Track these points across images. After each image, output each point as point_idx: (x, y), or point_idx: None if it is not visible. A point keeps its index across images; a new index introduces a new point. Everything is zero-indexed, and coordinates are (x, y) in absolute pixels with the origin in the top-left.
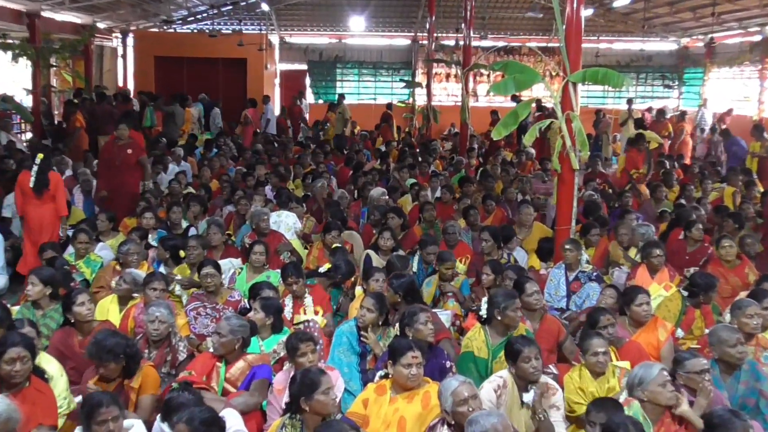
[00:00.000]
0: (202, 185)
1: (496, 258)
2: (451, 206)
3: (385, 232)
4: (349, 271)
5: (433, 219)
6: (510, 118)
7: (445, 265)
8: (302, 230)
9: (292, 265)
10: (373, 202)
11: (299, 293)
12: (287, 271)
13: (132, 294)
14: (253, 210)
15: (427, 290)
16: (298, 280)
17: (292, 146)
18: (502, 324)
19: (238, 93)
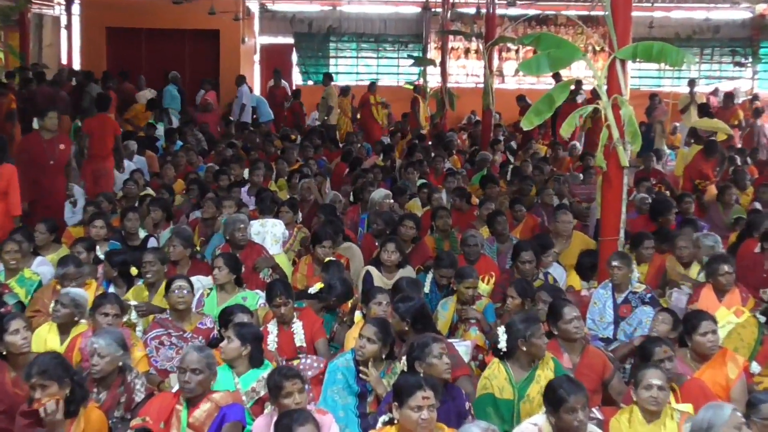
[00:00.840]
0: (164, 186)
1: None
2: (471, 212)
3: (389, 244)
4: (345, 291)
5: (447, 228)
6: (543, 103)
7: (464, 284)
8: (292, 242)
9: (281, 282)
10: (374, 206)
11: (287, 317)
12: (275, 290)
13: (75, 320)
14: (227, 217)
15: (443, 315)
16: (287, 302)
17: (273, 138)
18: (527, 355)
19: (209, 72)
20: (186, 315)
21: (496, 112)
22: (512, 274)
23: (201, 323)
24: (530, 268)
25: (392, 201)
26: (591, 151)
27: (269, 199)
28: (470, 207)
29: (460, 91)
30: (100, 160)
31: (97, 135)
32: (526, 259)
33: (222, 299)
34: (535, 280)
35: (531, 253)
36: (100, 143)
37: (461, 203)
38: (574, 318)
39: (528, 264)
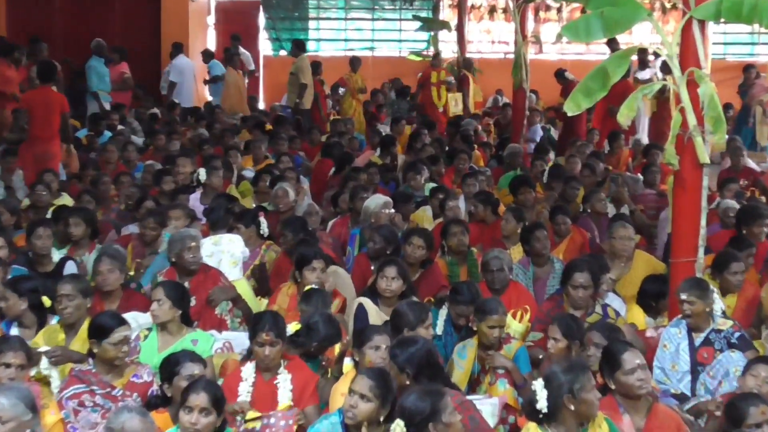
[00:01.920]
0: (87, 191)
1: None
2: (498, 225)
3: (389, 268)
4: (330, 333)
5: (463, 248)
6: (595, 79)
7: (487, 322)
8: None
9: (272, 314)
10: (369, 218)
11: (272, 363)
12: (262, 322)
13: None
14: (173, 232)
15: (460, 365)
16: (276, 341)
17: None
18: (574, 416)
19: (148, 40)
20: (115, 367)
21: (531, 91)
22: (555, 307)
23: (136, 376)
24: (585, 297)
25: (393, 211)
26: (658, 144)
27: (222, 207)
28: (497, 218)
29: (483, 63)
30: (43, 143)
31: (39, 112)
32: (580, 283)
33: (164, 343)
34: (590, 314)
35: (588, 275)
36: (44, 122)
37: (485, 213)
38: (637, 367)
39: (582, 290)
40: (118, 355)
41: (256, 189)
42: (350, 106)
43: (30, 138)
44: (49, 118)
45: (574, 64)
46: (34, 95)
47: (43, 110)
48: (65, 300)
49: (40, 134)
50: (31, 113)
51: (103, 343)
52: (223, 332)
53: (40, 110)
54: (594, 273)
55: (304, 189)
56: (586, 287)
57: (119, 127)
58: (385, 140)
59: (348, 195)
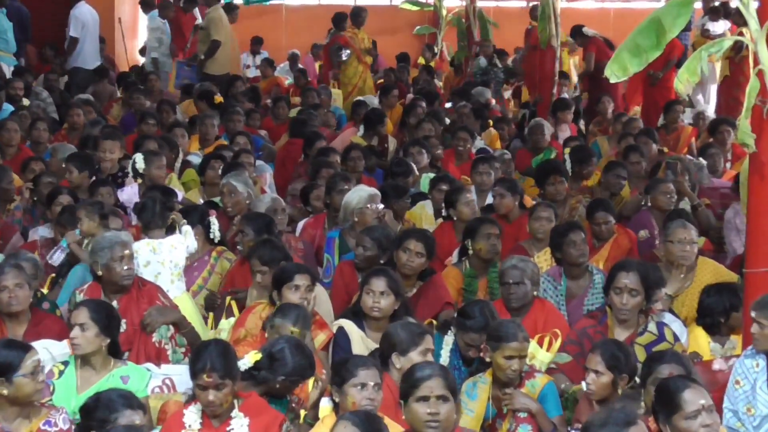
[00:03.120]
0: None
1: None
2: (521, 223)
3: (377, 280)
4: (299, 363)
5: (496, 253)
6: (645, 34)
7: (504, 352)
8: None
9: (216, 347)
10: (349, 216)
11: (219, 409)
12: (202, 360)
13: None
14: (96, 238)
15: (470, 406)
16: (222, 383)
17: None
18: None
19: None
20: (25, 410)
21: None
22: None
23: (48, 423)
24: (632, 306)
25: (382, 207)
26: (729, 118)
27: (161, 203)
28: (521, 214)
29: (499, 14)
30: None
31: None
32: (625, 285)
33: (85, 381)
34: (641, 334)
35: (636, 277)
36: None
37: (512, 207)
38: (701, 409)
39: (629, 296)
40: (37, 387)
41: (203, 179)
42: (355, 73)
43: None
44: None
45: (618, 14)
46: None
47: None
48: None
49: None
50: None
51: (15, 379)
52: (162, 366)
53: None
54: (645, 276)
55: (265, 178)
56: (634, 293)
57: (24, 100)
58: (370, 116)
59: (323, 187)
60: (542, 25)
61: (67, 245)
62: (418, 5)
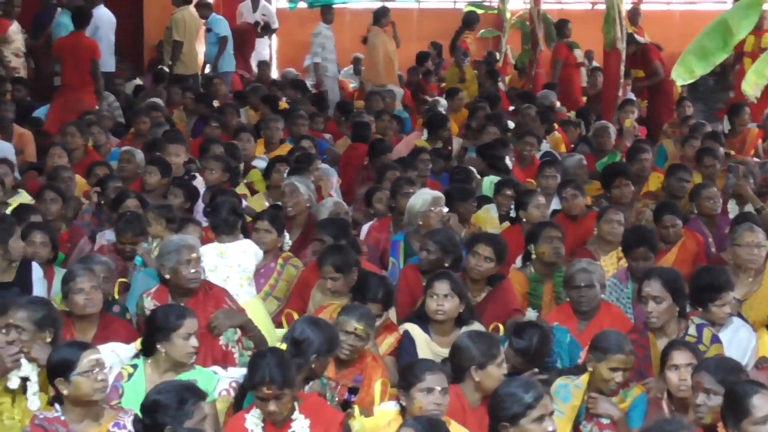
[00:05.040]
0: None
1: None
2: (585, 225)
3: (441, 283)
4: (323, 337)
5: (560, 257)
6: (713, 36)
7: (609, 363)
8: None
9: (274, 355)
10: (413, 219)
11: (279, 416)
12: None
13: None
14: (163, 241)
15: (561, 407)
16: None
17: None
18: None
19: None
20: (92, 411)
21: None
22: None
23: (116, 425)
24: (660, 313)
25: (446, 210)
26: None
27: (231, 208)
28: (585, 216)
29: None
30: (74, 91)
31: (69, 59)
32: (647, 293)
33: (154, 383)
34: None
35: (659, 284)
36: (74, 69)
37: (579, 209)
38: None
39: (654, 303)
40: (95, 386)
41: (269, 183)
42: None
43: (62, 86)
44: (80, 65)
45: (684, 16)
46: (64, 42)
47: (73, 57)
48: (15, 333)
49: (70, 82)
50: (61, 60)
51: (72, 378)
52: (229, 369)
53: (70, 58)
54: (670, 282)
55: (332, 182)
56: (659, 299)
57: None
58: (433, 120)
59: (386, 191)
60: (607, 28)
61: (142, 261)
62: (481, 8)
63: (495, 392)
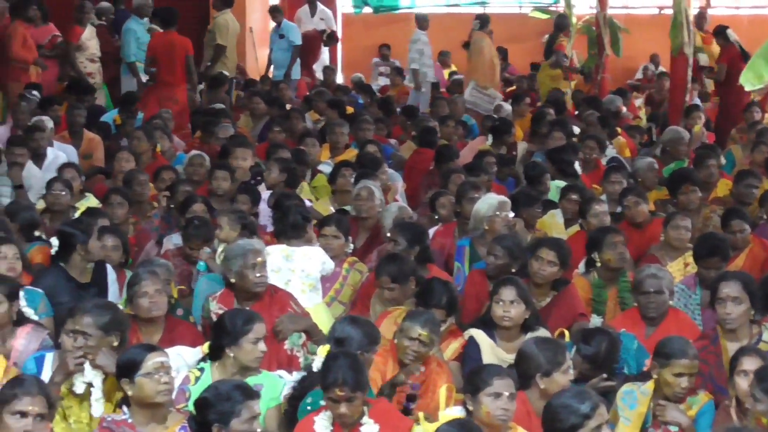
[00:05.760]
0: (118, 191)
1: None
2: (651, 231)
3: (507, 289)
4: (365, 333)
5: (624, 261)
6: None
7: (673, 369)
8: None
9: (346, 358)
10: (479, 224)
11: (350, 419)
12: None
13: None
14: (230, 245)
15: (627, 415)
16: (353, 395)
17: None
18: None
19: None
20: (158, 413)
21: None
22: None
23: (184, 428)
24: (737, 316)
25: (512, 215)
26: None
27: (297, 212)
28: (650, 222)
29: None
30: (168, 87)
31: (164, 56)
32: (727, 295)
33: None
34: (756, 344)
35: (739, 285)
36: (168, 66)
37: (643, 216)
38: None
39: (732, 304)
40: (158, 388)
41: (334, 187)
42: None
43: (156, 82)
44: (174, 62)
45: (752, 21)
46: (158, 40)
47: (167, 55)
48: (83, 337)
49: (165, 78)
50: (156, 58)
51: (136, 378)
52: (294, 373)
53: (165, 56)
54: (748, 284)
55: (397, 187)
56: (737, 300)
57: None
58: (498, 126)
59: (450, 195)
60: (674, 32)
61: (205, 266)
62: (547, 13)
63: (549, 404)
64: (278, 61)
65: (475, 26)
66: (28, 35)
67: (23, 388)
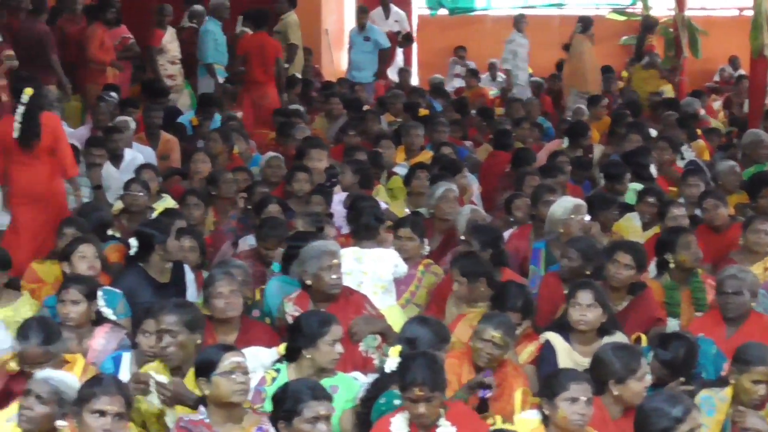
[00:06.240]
0: (194, 192)
1: None
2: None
3: (584, 293)
4: (434, 332)
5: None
6: None
7: (751, 375)
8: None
9: (424, 359)
10: (554, 227)
11: (428, 419)
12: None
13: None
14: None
15: (707, 420)
16: (432, 395)
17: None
18: None
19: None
20: (235, 413)
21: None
22: None
23: (260, 429)
24: None
25: (588, 218)
26: None
27: (370, 214)
28: (729, 226)
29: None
30: (259, 87)
31: (255, 57)
32: None
33: None
34: None
35: None
36: (260, 67)
37: (722, 219)
38: None
39: None
40: (234, 387)
41: (409, 189)
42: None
43: (247, 83)
44: (265, 63)
45: None
46: (249, 41)
47: (259, 56)
48: (169, 336)
49: (258, 78)
50: (247, 58)
51: (212, 378)
52: (369, 375)
53: (256, 56)
54: None
55: (472, 190)
56: None
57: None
58: (574, 128)
59: (525, 198)
60: (754, 34)
61: (280, 267)
62: (624, 15)
63: (641, 407)
64: (359, 63)
65: (577, 29)
66: (106, 37)
67: (102, 387)
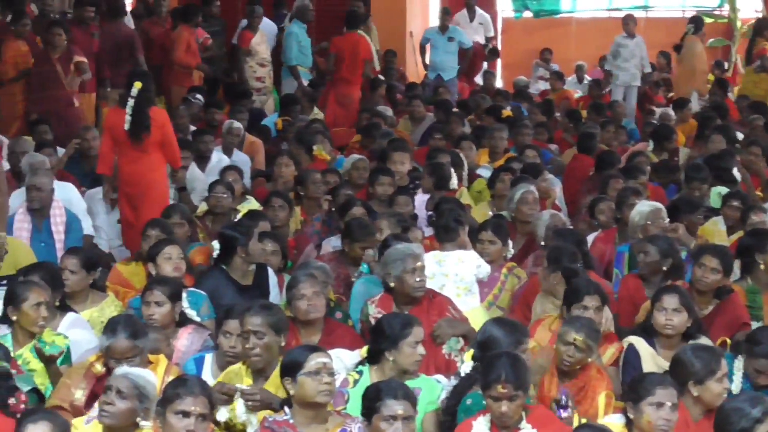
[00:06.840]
0: (279, 194)
1: None
2: None
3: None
4: (508, 335)
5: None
6: None
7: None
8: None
9: (508, 358)
10: (635, 231)
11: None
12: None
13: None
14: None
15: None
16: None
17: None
18: None
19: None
20: (320, 414)
21: None
22: None
23: (343, 431)
24: None
25: (666, 221)
26: None
27: (450, 216)
28: None
29: None
30: (346, 85)
31: (347, 56)
32: None
33: None
34: None
35: None
36: (350, 66)
37: None
38: None
39: None
40: (320, 388)
41: (493, 192)
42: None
43: (335, 80)
44: (355, 62)
45: None
46: (343, 40)
47: (350, 55)
48: (254, 337)
49: (345, 76)
50: (339, 57)
51: (298, 377)
52: (452, 378)
53: (348, 55)
54: None
55: (555, 193)
56: None
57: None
58: (660, 131)
59: (609, 201)
60: None
61: (368, 269)
62: (711, 17)
63: (721, 407)
64: (441, 64)
65: (689, 30)
66: (192, 40)
67: (186, 388)
